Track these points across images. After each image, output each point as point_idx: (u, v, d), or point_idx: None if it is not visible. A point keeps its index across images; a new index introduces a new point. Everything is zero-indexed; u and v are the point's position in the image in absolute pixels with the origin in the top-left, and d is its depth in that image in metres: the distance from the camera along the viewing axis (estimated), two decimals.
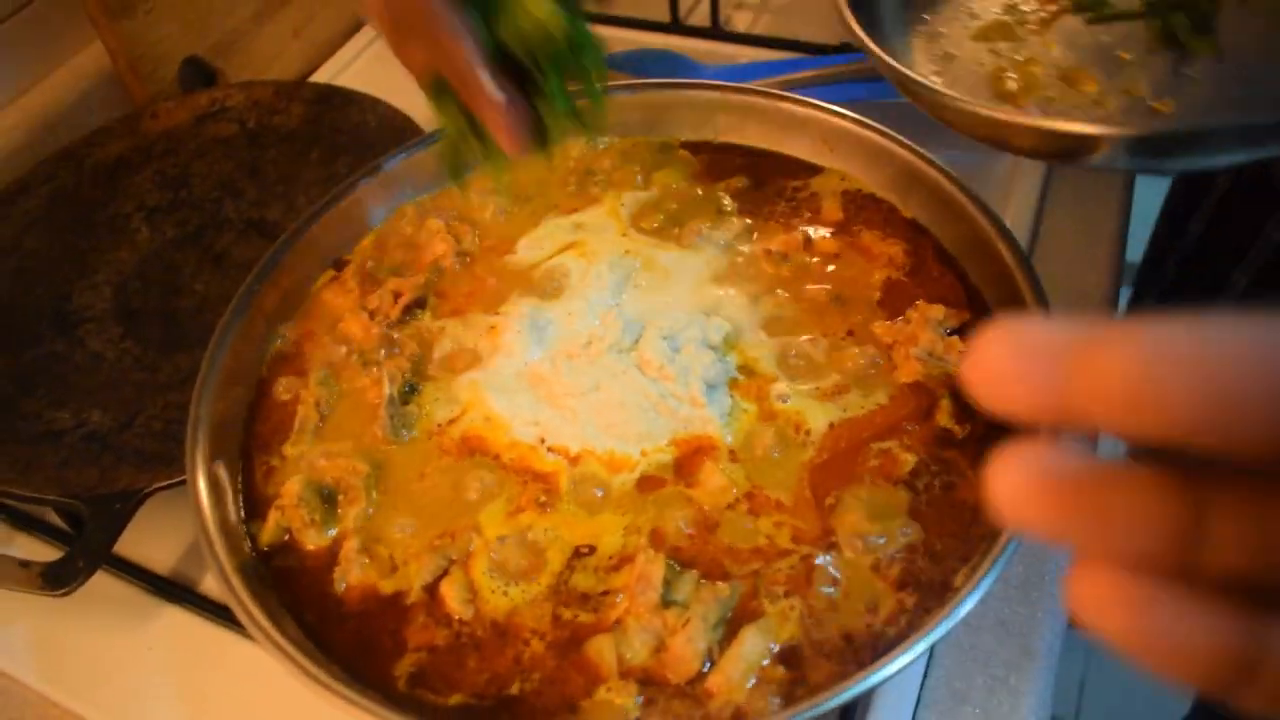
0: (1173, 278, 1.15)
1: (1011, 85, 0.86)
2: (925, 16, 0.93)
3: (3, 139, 1.15)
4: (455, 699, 0.62)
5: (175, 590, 0.87)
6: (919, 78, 0.77)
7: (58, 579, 0.78)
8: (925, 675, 0.78)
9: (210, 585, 0.88)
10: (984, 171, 1.13)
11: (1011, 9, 0.92)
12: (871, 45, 0.80)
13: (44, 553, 0.89)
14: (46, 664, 0.85)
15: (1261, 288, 1.20)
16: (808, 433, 0.72)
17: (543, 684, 0.62)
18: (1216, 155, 0.69)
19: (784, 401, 0.74)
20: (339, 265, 0.88)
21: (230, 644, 0.84)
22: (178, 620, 0.86)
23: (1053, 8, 0.91)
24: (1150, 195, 1.25)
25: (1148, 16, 0.87)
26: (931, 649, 0.79)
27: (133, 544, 0.89)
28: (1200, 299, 1.30)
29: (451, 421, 0.76)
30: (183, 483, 0.73)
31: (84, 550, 0.80)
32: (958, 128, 0.77)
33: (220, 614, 0.85)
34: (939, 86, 0.78)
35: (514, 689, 0.62)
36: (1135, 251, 1.19)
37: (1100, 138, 0.68)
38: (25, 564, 0.80)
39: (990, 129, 0.74)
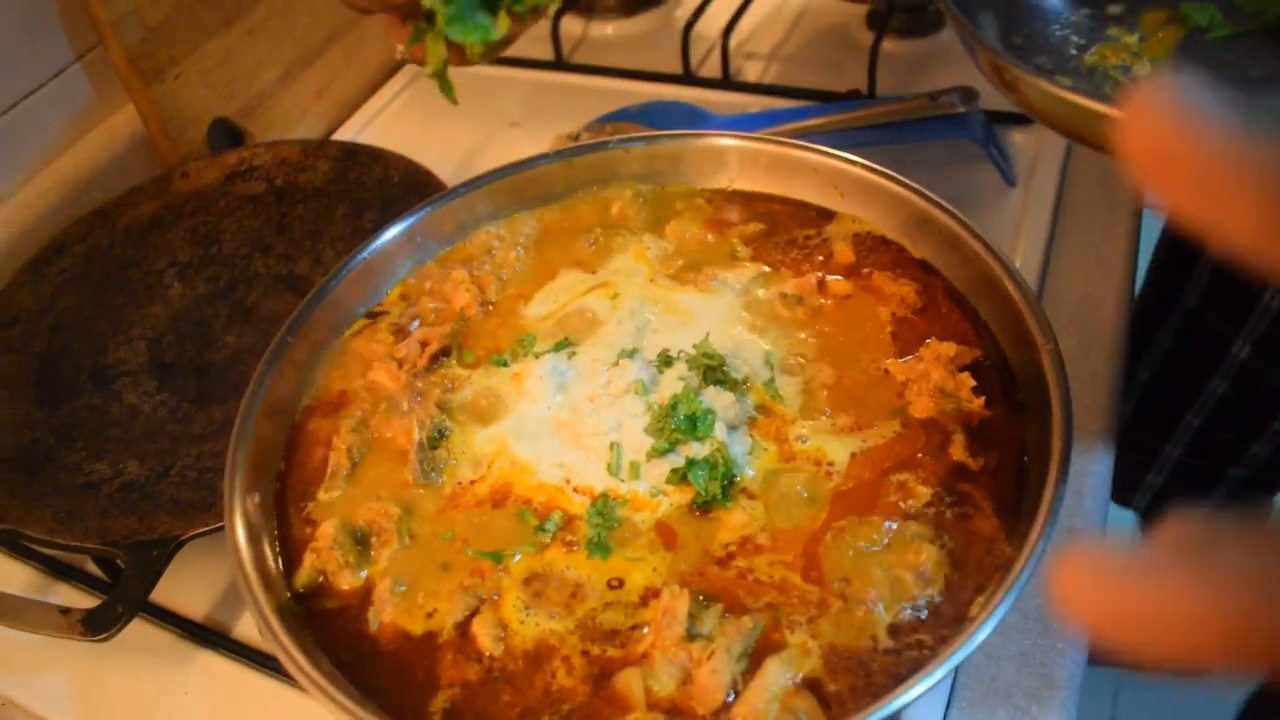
0: (1167, 347, 1.17)
1: None
2: (1017, 40, 0.93)
3: (39, 201, 1.19)
4: None
5: (210, 636, 0.90)
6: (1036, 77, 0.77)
7: (98, 625, 0.81)
8: (948, 707, 0.80)
9: (244, 631, 0.90)
10: (993, 210, 1.16)
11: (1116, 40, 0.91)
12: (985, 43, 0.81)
13: (83, 601, 0.91)
14: (86, 710, 0.88)
15: (1263, 357, 1.22)
16: (830, 464, 0.75)
17: (573, 716, 0.64)
18: None
19: (803, 442, 0.76)
20: (370, 316, 0.91)
21: (264, 688, 0.86)
22: (213, 665, 0.89)
23: (1165, 34, 0.90)
24: (1151, 238, 1.27)
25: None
26: (953, 682, 0.81)
27: (168, 592, 0.91)
28: (1200, 366, 1.32)
29: (479, 469, 0.79)
30: (219, 529, 0.76)
31: (123, 596, 0.82)
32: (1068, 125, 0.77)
33: (254, 659, 0.87)
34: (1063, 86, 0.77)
35: None
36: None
37: None
38: (66, 610, 0.82)
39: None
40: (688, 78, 1.43)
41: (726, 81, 1.41)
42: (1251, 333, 1.21)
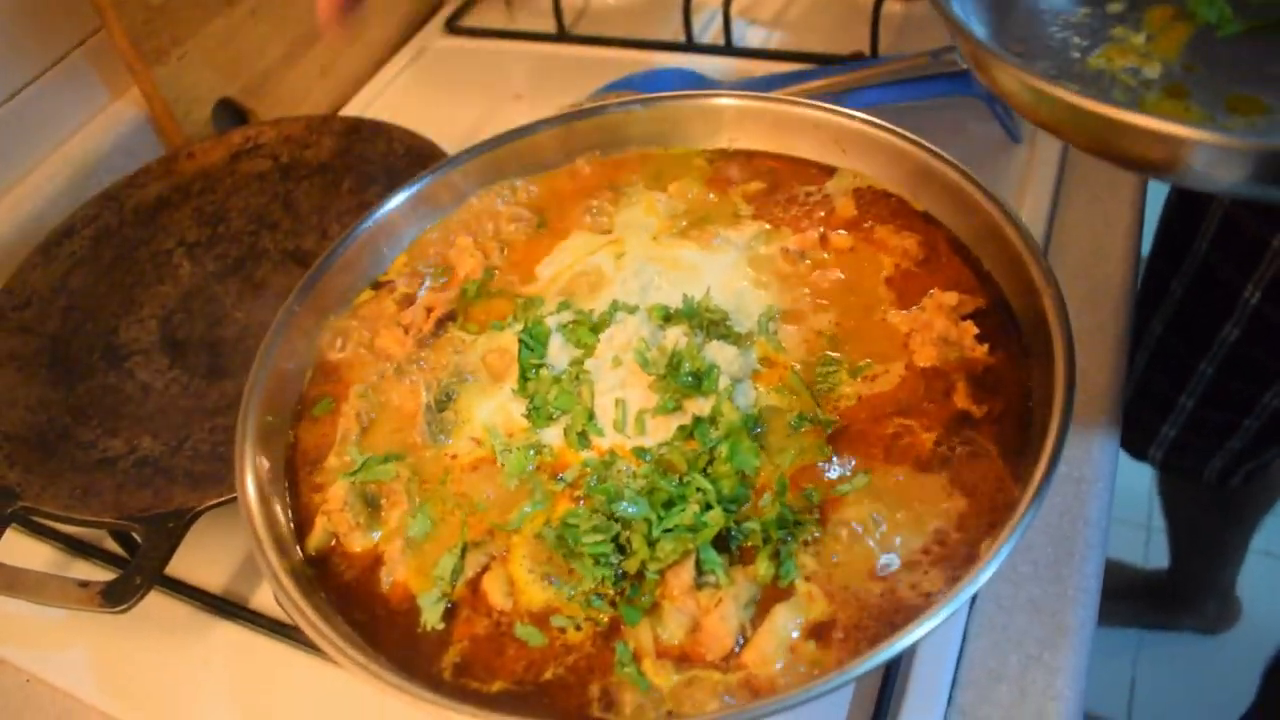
0: (1180, 297, 1.16)
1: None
2: (1015, 45, 0.86)
3: (47, 185, 1.20)
4: (498, 686, 0.65)
5: (228, 607, 0.91)
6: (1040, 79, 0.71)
7: (116, 596, 0.82)
8: (960, 655, 0.80)
9: (261, 601, 0.91)
10: (998, 168, 1.16)
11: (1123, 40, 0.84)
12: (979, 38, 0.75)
13: (102, 577, 0.92)
14: (107, 683, 0.89)
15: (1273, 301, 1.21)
16: (834, 404, 0.75)
17: (579, 665, 0.65)
18: None
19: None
20: (376, 285, 0.92)
21: (282, 655, 0.87)
22: (231, 635, 0.90)
23: (1173, 32, 0.84)
24: (1161, 190, 1.26)
25: None
26: (965, 629, 0.81)
27: (185, 565, 0.92)
28: (1208, 316, 1.31)
29: (486, 429, 0.79)
30: (233, 500, 0.76)
31: (140, 568, 0.83)
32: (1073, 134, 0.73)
33: (271, 628, 0.88)
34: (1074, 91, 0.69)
35: (549, 674, 0.65)
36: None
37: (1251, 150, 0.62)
38: (85, 584, 0.83)
39: (1127, 136, 0.67)
40: (690, 46, 1.42)
41: (729, 48, 1.40)
42: (1261, 279, 1.21)
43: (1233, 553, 2.00)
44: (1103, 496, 0.89)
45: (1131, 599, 2.20)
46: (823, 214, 0.89)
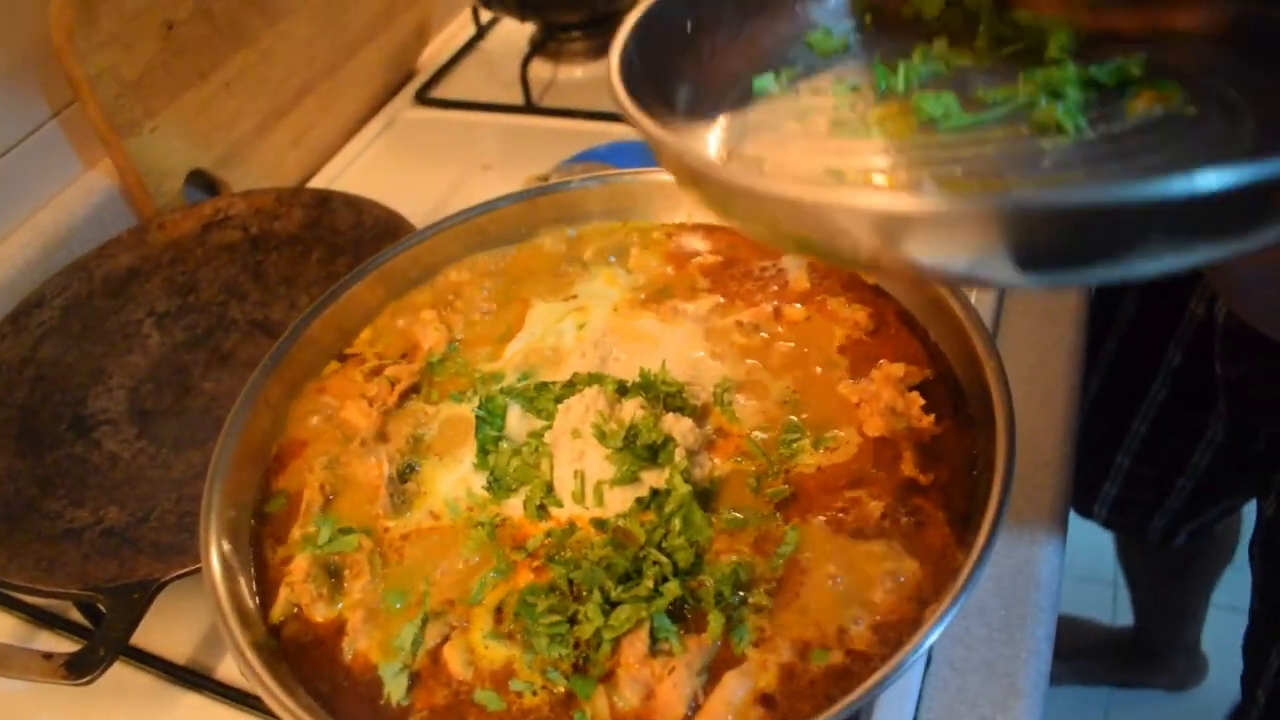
0: (1112, 356, 1.21)
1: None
2: (720, 117, 0.69)
3: (18, 255, 1.21)
4: None
5: (193, 678, 0.91)
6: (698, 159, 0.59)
7: (80, 668, 0.82)
8: (916, 716, 0.82)
9: (226, 672, 0.91)
10: None
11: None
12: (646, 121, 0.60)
13: (66, 648, 0.92)
14: None
15: (1193, 360, 1.25)
16: (786, 473, 0.78)
17: None
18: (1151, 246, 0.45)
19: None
20: (342, 358, 0.94)
21: None
22: (197, 707, 0.90)
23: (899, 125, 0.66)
24: None
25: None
26: (919, 693, 0.82)
27: (151, 636, 0.92)
28: (1141, 374, 1.36)
29: (447, 501, 0.81)
30: (198, 570, 0.77)
31: (104, 639, 0.83)
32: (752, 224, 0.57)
33: (238, 699, 0.88)
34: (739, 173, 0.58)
35: None
36: None
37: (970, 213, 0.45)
38: (49, 656, 0.83)
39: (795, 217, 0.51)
40: None
41: None
42: (1181, 339, 1.26)
43: (1193, 611, 2.02)
44: (1053, 559, 0.91)
45: (1100, 657, 2.22)
46: (776, 288, 0.92)
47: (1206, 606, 2.02)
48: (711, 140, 0.68)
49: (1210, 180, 0.39)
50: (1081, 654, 2.19)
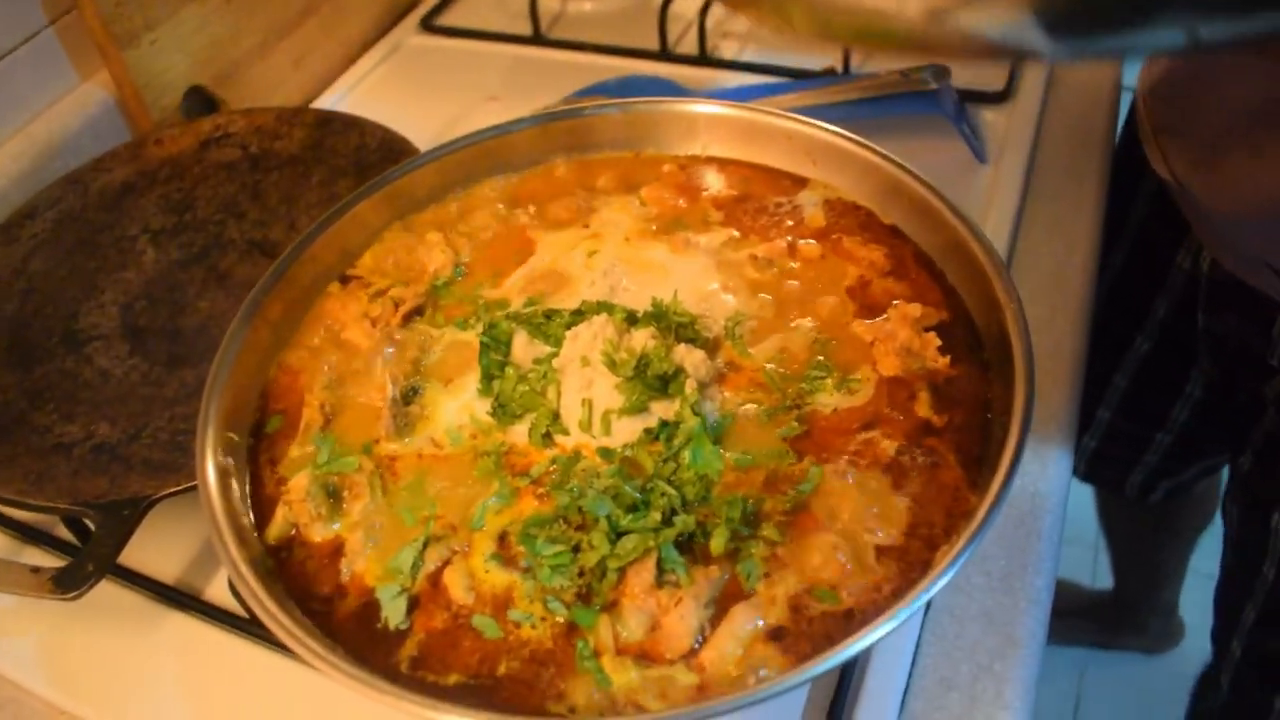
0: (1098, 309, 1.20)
1: None
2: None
3: (11, 165, 1.18)
4: (453, 678, 0.65)
5: (181, 598, 0.90)
6: None
7: (68, 583, 0.80)
8: (913, 664, 0.81)
9: (215, 593, 0.90)
10: (964, 186, 1.17)
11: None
12: None
13: (52, 564, 0.91)
14: (55, 673, 0.87)
15: (1178, 314, 1.25)
16: (798, 409, 0.76)
17: (534, 659, 0.65)
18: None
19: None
20: (344, 279, 0.91)
21: (234, 647, 0.86)
22: (183, 626, 0.89)
23: None
24: None
25: None
26: (918, 638, 0.82)
27: (139, 555, 0.91)
28: (1125, 327, 1.36)
29: (451, 424, 0.79)
30: (190, 489, 0.76)
31: (93, 555, 0.82)
32: None
33: (225, 620, 0.87)
34: None
35: (504, 667, 0.65)
36: None
37: None
38: (36, 570, 0.82)
39: None
40: (665, 55, 1.43)
41: (703, 58, 1.42)
42: (1169, 293, 1.25)
43: (1171, 571, 2.04)
44: (1056, 511, 0.91)
45: (1078, 617, 2.24)
46: (792, 223, 0.90)
47: (1184, 570, 2.03)
48: None
49: None
50: (1060, 614, 2.20)
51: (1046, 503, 0.91)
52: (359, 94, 1.48)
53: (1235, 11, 0.45)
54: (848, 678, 0.78)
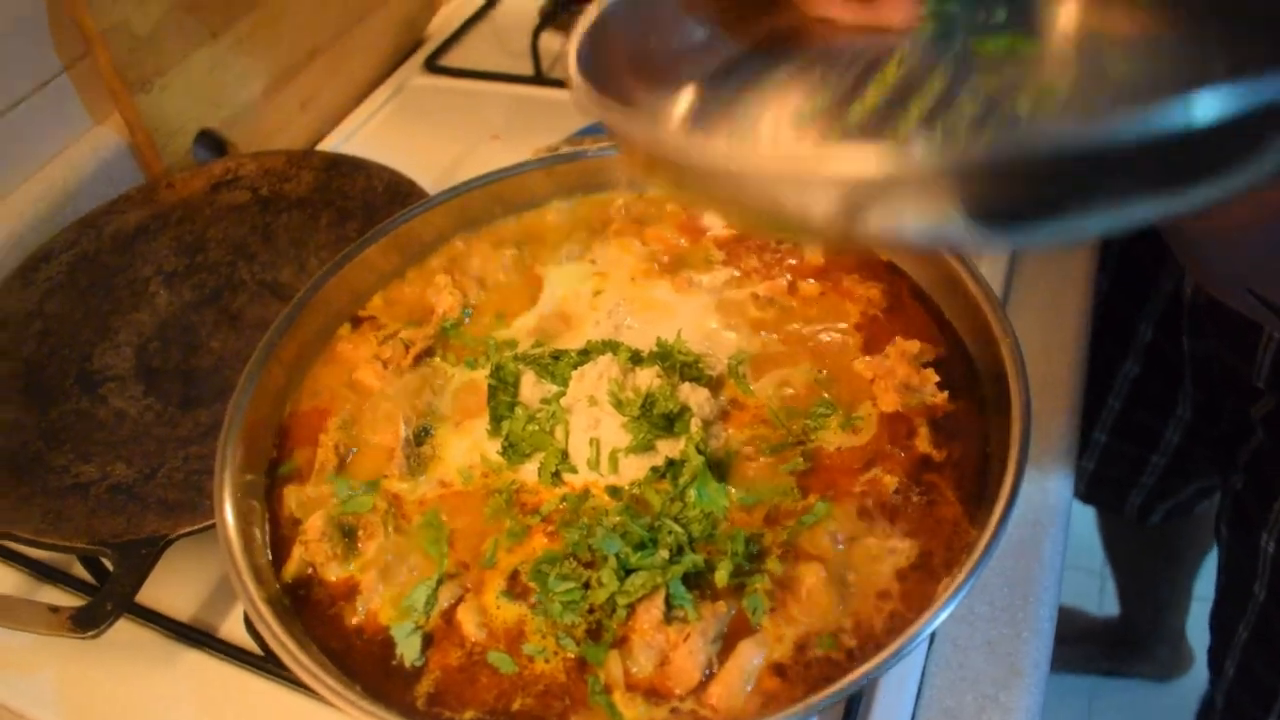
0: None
1: None
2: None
3: (27, 209, 1.21)
4: (469, 714, 0.66)
5: (197, 636, 0.91)
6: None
7: (86, 622, 0.82)
8: (919, 694, 0.82)
9: (230, 630, 0.91)
10: None
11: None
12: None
13: (69, 603, 0.92)
14: (72, 710, 0.88)
15: (1163, 337, 1.27)
16: (802, 445, 0.78)
17: (548, 695, 0.66)
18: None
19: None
20: (355, 321, 0.94)
21: (251, 686, 0.87)
22: (199, 664, 0.90)
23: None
24: None
25: None
26: (923, 670, 0.83)
27: (155, 593, 0.93)
28: (1114, 351, 1.38)
29: (462, 464, 0.81)
30: (206, 528, 0.77)
31: (111, 594, 0.83)
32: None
33: (241, 658, 0.88)
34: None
35: (518, 703, 0.67)
36: None
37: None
38: (55, 609, 0.84)
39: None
40: None
41: None
42: (1151, 316, 1.27)
43: (1175, 596, 2.04)
44: (1057, 539, 0.92)
45: (1085, 644, 2.24)
46: (791, 262, 0.92)
47: (1189, 595, 2.04)
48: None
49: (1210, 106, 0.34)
50: (1068, 641, 2.21)
51: (1047, 531, 0.92)
52: (365, 134, 1.51)
53: (1166, 190, 0.39)
54: (854, 709, 0.79)
